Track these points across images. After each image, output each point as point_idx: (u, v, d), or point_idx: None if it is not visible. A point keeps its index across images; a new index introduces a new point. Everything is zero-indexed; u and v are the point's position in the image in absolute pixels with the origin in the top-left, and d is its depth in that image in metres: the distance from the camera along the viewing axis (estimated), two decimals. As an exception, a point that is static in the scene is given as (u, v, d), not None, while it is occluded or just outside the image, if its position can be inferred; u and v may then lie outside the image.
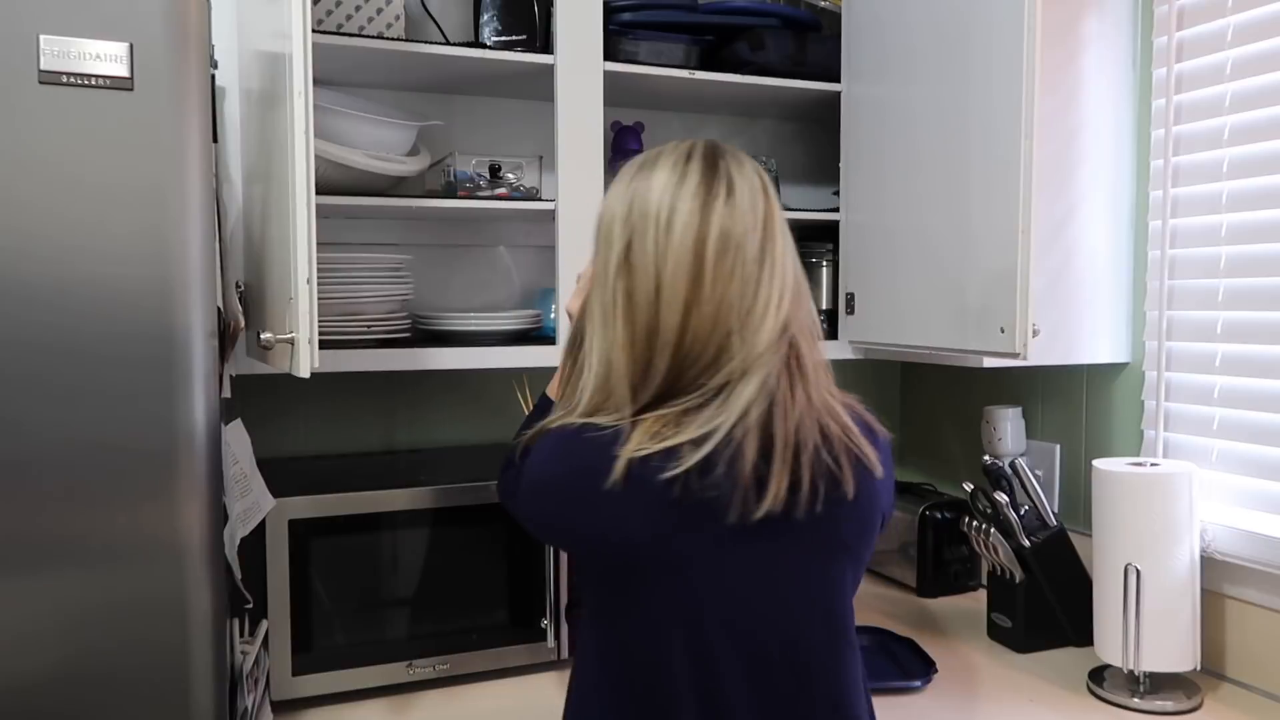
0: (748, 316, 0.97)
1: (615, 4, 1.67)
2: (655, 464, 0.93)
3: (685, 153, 1.02)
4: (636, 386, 0.98)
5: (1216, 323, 1.55)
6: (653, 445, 0.94)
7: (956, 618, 1.82)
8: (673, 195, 0.98)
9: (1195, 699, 1.43)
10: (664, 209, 0.98)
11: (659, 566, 0.96)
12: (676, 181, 0.99)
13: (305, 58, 1.08)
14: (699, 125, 2.06)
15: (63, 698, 1.00)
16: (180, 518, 1.03)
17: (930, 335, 1.61)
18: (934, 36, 1.58)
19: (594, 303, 1.03)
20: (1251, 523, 1.49)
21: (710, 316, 0.97)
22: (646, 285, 0.97)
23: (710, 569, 0.96)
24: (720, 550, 0.96)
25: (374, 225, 1.82)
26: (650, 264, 0.97)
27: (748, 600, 0.97)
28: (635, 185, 1.02)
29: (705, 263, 0.97)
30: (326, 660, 1.45)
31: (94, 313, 0.99)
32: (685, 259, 0.97)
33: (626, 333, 0.99)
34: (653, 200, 0.99)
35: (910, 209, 1.65)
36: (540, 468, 1.01)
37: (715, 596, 0.96)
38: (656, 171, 1.01)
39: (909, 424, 2.28)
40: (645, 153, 1.06)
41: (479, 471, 1.59)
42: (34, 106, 0.96)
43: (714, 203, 0.98)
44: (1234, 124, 1.52)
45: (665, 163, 1.01)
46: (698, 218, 0.97)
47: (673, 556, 0.95)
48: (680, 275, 0.97)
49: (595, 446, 0.96)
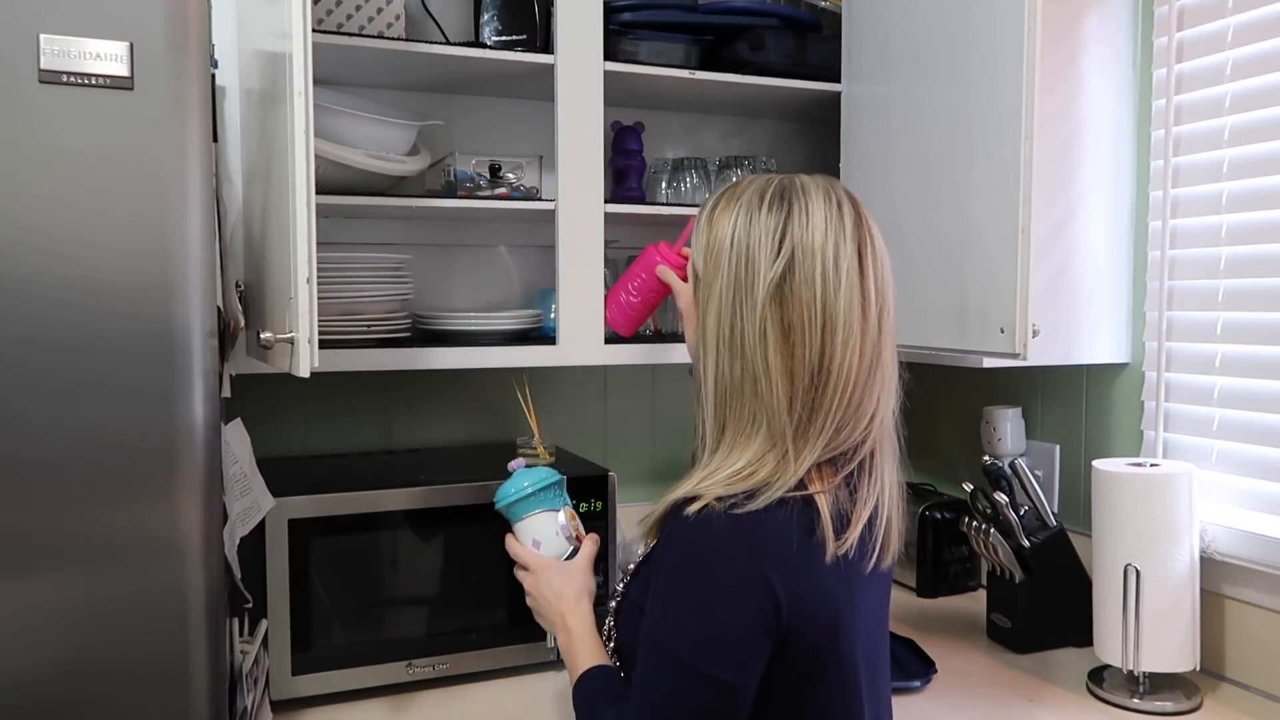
0: (890, 375, 1.03)
1: (615, 4, 1.67)
2: (853, 550, 0.98)
3: (826, 189, 1.01)
4: (798, 426, 0.97)
5: (1216, 323, 1.55)
6: (853, 534, 0.97)
7: (956, 618, 1.81)
8: (835, 231, 0.98)
9: (1195, 699, 1.43)
10: (830, 243, 0.97)
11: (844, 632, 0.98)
12: (836, 216, 0.99)
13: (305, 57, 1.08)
14: (699, 125, 2.06)
15: (62, 696, 1.00)
16: (180, 517, 1.03)
17: (930, 335, 1.61)
18: (934, 36, 1.58)
19: (720, 327, 1.00)
20: (1251, 523, 1.49)
21: (868, 367, 0.98)
22: (808, 317, 0.96)
23: (855, 617, 0.99)
24: (855, 598, 0.99)
25: (374, 225, 1.82)
26: (816, 296, 0.96)
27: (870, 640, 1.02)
28: (774, 215, 0.99)
29: (870, 306, 0.98)
30: (326, 660, 1.45)
31: (93, 312, 0.99)
32: (856, 299, 0.97)
33: (784, 363, 0.97)
34: (815, 233, 0.97)
35: (910, 209, 1.65)
36: None
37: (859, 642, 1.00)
38: (809, 201, 0.99)
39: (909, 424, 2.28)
40: (748, 180, 1.04)
41: (479, 471, 1.59)
42: (34, 106, 0.96)
43: (870, 249, 1.00)
44: (1234, 125, 1.52)
45: (815, 195, 1.00)
46: (858, 261, 0.98)
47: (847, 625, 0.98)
48: (854, 313, 0.97)
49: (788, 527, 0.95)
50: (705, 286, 1.01)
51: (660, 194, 1.91)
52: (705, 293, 1.01)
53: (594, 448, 1.99)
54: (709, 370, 1.01)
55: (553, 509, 1.26)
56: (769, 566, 0.91)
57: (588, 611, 1.16)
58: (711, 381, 1.00)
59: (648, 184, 1.92)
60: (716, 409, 1.00)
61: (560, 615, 1.16)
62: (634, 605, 1.06)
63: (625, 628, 1.08)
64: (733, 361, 0.98)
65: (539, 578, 1.21)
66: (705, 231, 1.04)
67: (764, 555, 0.92)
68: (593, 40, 1.63)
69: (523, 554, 1.24)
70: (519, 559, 1.25)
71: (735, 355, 0.98)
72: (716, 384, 1.00)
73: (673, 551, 0.95)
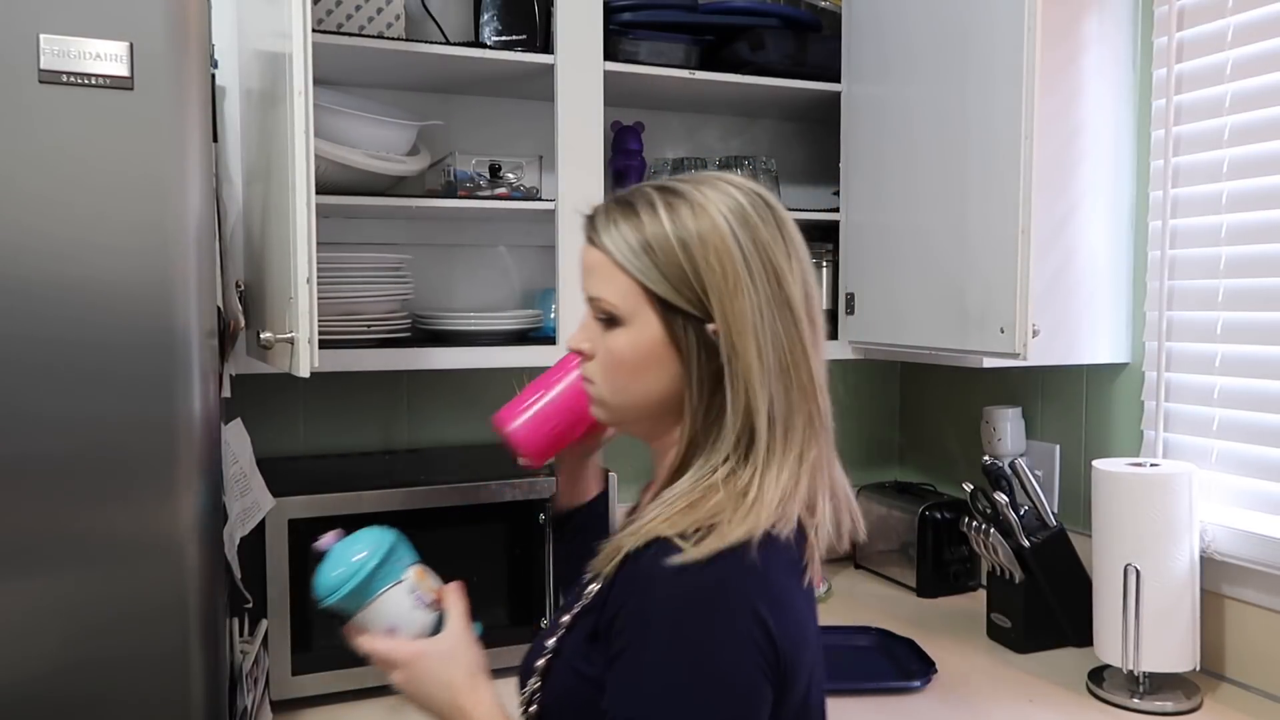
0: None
1: (615, 4, 1.67)
2: None
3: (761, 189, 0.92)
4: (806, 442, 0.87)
5: (1216, 323, 1.55)
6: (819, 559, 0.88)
7: (956, 618, 1.81)
8: (796, 231, 0.90)
9: (1194, 699, 1.43)
10: (799, 242, 0.89)
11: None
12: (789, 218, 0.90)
13: (305, 57, 1.08)
14: (699, 125, 2.06)
15: (61, 695, 1.00)
16: (179, 516, 1.03)
17: (930, 335, 1.61)
18: (934, 37, 1.58)
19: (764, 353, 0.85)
20: (1251, 523, 1.48)
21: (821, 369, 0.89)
22: (796, 323, 0.86)
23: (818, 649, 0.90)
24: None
25: (374, 225, 1.82)
26: (801, 298, 0.87)
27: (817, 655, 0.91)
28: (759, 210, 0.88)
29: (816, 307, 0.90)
30: (326, 660, 1.45)
31: (93, 311, 0.99)
32: (818, 297, 0.90)
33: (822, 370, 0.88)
34: (792, 230, 0.89)
35: (910, 209, 1.65)
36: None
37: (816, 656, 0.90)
38: (772, 199, 0.90)
39: (909, 424, 2.28)
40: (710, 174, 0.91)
41: (479, 471, 1.59)
42: (34, 105, 0.96)
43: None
44: (1234, 125, 1.52)
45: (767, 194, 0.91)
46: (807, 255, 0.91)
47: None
48: (821, 316, 0.91)
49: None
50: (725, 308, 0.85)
51: (660, 194, 1.91)
52: (732, 317, 0.84)
53: (594, 448, 1.98)
54: (760, 408, 0.84)
55: (397, 580, 0.96)
56: (761, 604, 0.80)
57: (488, 692, 0.92)
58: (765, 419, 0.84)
59: (648, 184, 1.91)
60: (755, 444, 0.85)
61: (458, 709, 0.90)
62: (569, 668, 0.88)
63: (555, 691, 0.89)
64: (788, 389, 0.85)
65: (415, 671, 0.92)
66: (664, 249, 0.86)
67: (755, 593, 0.80)
68: (593, 40, 1.63)
69: (383, 650, 0.93)
70: (380, 658, 0.94)
71: (788, 380, 0.85)
72: (770, 422, 0.84)
73: (651, 606, 0.80)
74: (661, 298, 0.86)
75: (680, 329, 0.86)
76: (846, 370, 2.22)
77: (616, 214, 0.89)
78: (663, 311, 0.86)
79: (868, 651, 1.64)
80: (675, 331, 0.86)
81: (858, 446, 2.25)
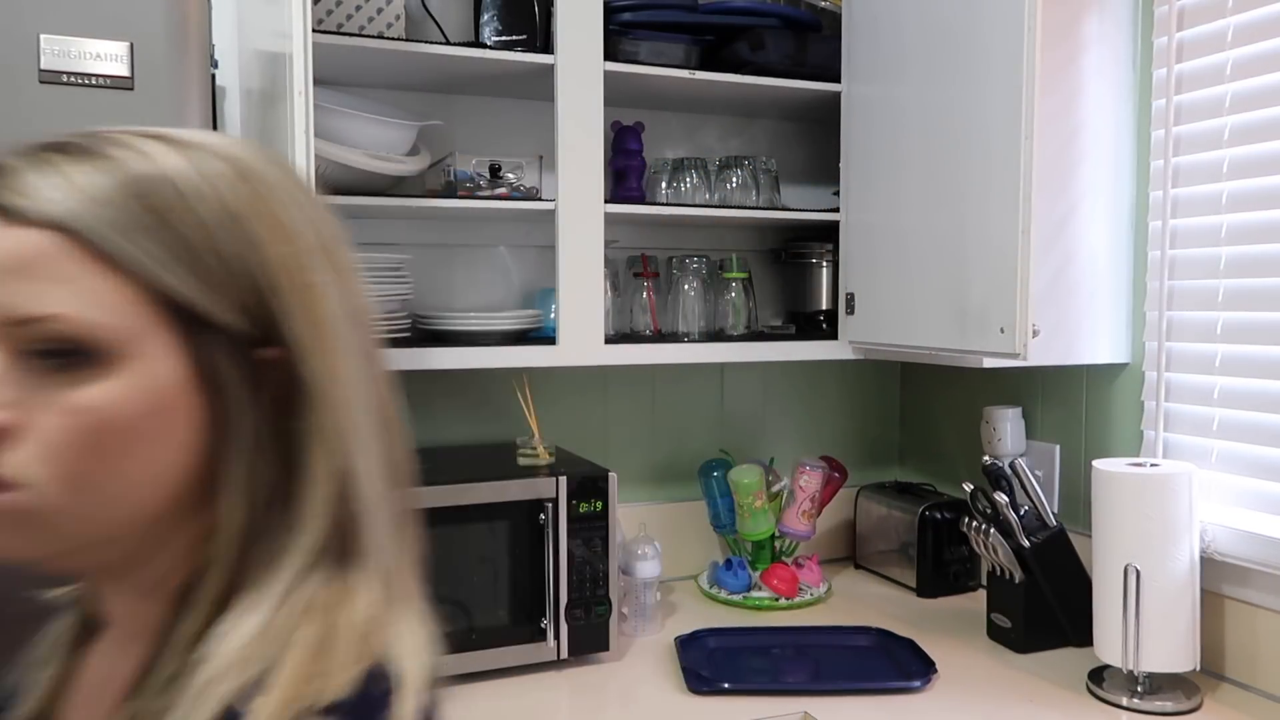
0: None
1: (615, 4, 1.67)
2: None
3: None
4: None
5: (1216, 323, 1.55)
6: None
7: (956, 618, 1.81)
8: None
9: (1195, 699, 1.43)
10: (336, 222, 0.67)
11: None
12: None
13: (305, 57, 1.08)
14: (699, 125, 2.06)
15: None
16: (180, 517, 1.03)
17: (930, 335, 1.61)
18: (934, 37, 1.58)
19: (342, 376, 0.58)
20: (1251, 523, 1.49)
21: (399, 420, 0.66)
22: (376, 348, 0.66)
23: None
24: None
25: (374, 225, 1.82)
26: (366, 307, 0.66)
27: None
28: (283, 169, 0.64)
29: None
30: (326, 660, 1.45)
31: (94, 312, 0.99)
32: None
33: (393, 432, 0.65)
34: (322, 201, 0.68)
35: (910, 209, 1.65)
36: None
37: None
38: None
39: (909, 424, 2.28)
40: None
41: (479, 471, 1.59)
42: (34, 105, 0.96)
43: None
44: (1234, 125, 1.52)
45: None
46: None
47: None
48: None
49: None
50: (300, 318, 0.56)
51: (660, 194, 1.91)
52: (311, 333, 0.56)
53: (594, 448, 1.98)
54: (360, 480, 0.59)
55: None
56: None
57: None
58: (370, 496, 0.60)
59: (648, 184, 1.92)
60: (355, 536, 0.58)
61: None
62: None
63: None
64: (383, 450, 0.62)
65: None
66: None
67: None
68: (593, 40, 1.63)
69: None
70: None
71: (389, 436, 0.62)
72: (375, 501, 0.61)
73: None
74: (185, 304, 0.51)
75: (219, 360, 0.53)
76: (846, 370, 2.22)
77: (57, 159, 0.50)
78: (187, 331, 0.51)
79: (868, 651, 1.64)
80: (208, 365, 0.52)
81: (858, 446, 2.25)
